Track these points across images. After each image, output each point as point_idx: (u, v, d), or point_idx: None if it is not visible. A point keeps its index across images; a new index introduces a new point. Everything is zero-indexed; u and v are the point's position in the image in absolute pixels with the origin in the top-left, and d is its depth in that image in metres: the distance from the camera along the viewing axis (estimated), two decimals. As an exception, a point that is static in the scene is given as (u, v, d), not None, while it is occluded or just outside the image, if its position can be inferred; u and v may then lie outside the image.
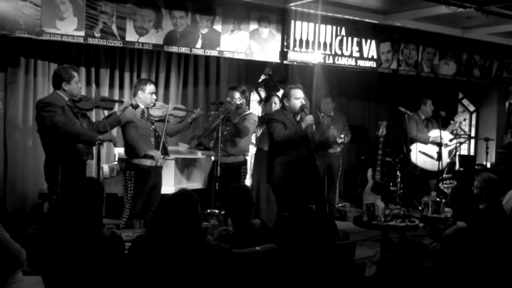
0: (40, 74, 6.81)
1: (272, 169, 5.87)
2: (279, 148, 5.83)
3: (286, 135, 5.73)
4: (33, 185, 6.77)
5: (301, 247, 3.95)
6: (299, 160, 5.75)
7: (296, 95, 5.90)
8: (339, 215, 8.24)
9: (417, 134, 8.03)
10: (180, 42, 7.12)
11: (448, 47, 9.60)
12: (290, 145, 5.75)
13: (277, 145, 5.82)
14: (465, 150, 12.01)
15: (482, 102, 12.04)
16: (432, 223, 6.10)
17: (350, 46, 8.48)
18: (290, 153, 5.77)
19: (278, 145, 5.80)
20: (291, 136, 5.73)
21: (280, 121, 5.83)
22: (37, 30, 6.19)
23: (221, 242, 3.45)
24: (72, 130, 5.24)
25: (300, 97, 5.91)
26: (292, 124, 5.82)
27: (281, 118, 5.87)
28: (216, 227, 4.50)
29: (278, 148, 5.84)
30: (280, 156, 5.82)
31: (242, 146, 6.58)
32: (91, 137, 5.38)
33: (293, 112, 5.89)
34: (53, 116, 5.18)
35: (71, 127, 5.23)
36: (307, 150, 5.79)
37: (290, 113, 5.89)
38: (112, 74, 7.31)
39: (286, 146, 5.77)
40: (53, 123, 5.17)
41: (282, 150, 5.80)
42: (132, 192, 5.90)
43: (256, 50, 7.72)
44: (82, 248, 3.32)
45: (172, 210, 3.19)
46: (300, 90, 5.98)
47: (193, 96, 7.91)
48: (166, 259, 3.09)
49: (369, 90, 9.68)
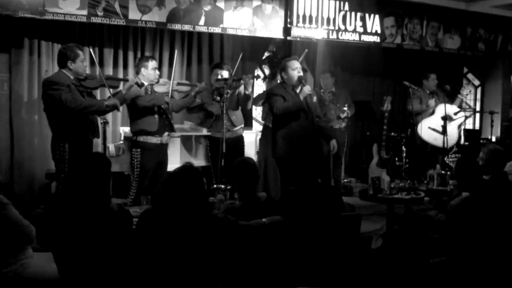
0: (44, 55, 6.81)
1: (275, 143, 5.89)
2: (280, 121, 5.84)
3: (284, 106, 5.72)
4: (40, 166, 6.80)
5: (307, 219, 3.98)
6: (301, 132, 5.76)
7: (292, 66, 5.85)
8: (345, 190, 8.27)
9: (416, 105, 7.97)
10: (183, 19, 7.11)
11: (452, 21, 9.53)
12: (291, 117, 5.75)
13: (278, 118, 5.84)
14: (470, 125, 11.99)
15: (487, 76, 11.98)
16: (438, 195, 6.12)
17: (353, 21, 8.44)
18: (291, 126, 5.77)
19: (279, 118, 5.81)
20: (289, 107, 5.72)
21: (279, 94, 5.82)
22: (40, 10, 6.19)
23: (227, 215, 3.48)
24: (79, 105, 5.28)
25: (297, 67, 5.86)
26: (292, 96, 5.81)
27: (280, 91, 5.87)
28: (222, 201, 4.54)
29: (279, 121, 5.86)
30: (282, 129, 5.82)
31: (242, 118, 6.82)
32: (98, 105, 5.45)
33: (292, 85, 5.87)
34: (60, 94, 5.21)
35: (78, 102, 5.28)
36: (308, 121, 5.79)
37: (289, 86, 5.87)
38: (116, 53, 7.29)
39: (286, 118, 5.77)
40: (60, 101, 5.21)
41: (283, 123, 5.81)
42: (138, 170, 5.94)
43: (260, 26, 7.70)
44: (90, 223, 3.36)
45: (177, 183, 3.22)
46: (296, 61, 5.94)
47: (197, 74, 7.90)
48: (173, 231, 3.12)
49: (373, 65, 9.62)
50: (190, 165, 3.36)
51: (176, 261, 3.09)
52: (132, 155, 5.99)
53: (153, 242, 3.16)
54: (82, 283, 3.34)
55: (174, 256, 3.10)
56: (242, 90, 6.53)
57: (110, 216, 3.42)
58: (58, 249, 3.49)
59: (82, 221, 3.36)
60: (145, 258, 3.19)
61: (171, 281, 3.07)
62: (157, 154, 5.99)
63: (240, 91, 6.59)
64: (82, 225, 3.35)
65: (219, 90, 6.37)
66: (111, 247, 3.37)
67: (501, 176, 5.04)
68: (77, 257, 3.37)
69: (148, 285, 3.13)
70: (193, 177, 3.22)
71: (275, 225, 3.75)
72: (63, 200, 3.51)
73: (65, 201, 3.48)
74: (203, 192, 3.25)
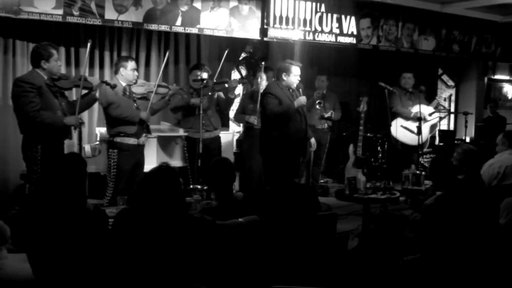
0: (19, 54, 6.76)
1: (266, 142, 6.00)
2: (276, 122, 6.04)
3: (278, 111, 5.98)
4: (15, 167, 6.73)
5: (283, 219, 4.00)
6: (296, 134, 5.91)
7: (295, 72, 6.14)
8: (322, 191, 8.31)
9: (401, 108, 8.02)
10: (160, 19, 7.09)
11: (427, 23, 9.64)
12: (288, 119, 5.97)
13: (272, 119, 6.05)
14: (445, 125, 12.14)
15: (462, 78, 12.14)
16: (413, 195, 6.20)
17: (330, 23, 8.49)
18: (288, 127, 5.99)
19: (274, 119, 6.03)
20: (282, 113, 5.96)
21: (276, 95, 6.04)
22: (15, 9, 6.13)
23: (204, 215, 3.49)
24: (37, 117, 5.14)
25: (298, 74, 6.14)
26: (287, 97, 6.03)
27: (277, 92, 6.07)
28: (199, 201, 4.54)
29: (275, 122, 6.05)
30: (278, 130, 6.01)
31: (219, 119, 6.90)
32: (58, 123, 5.28)
33: (289, 87, 6.07)
34: (24, 104, 5.12)
35: (36, 114, 5.13)
36: (302, 125, 5.94)
37: (286, 87, 6.06)
38: (92, 53, 7.26)
39: (283, 120, 5.99)
40: (25, 112, 5.13)
41: (280, 124, 6.01)
42: (115, 171, 5.91)
43: (237, 27, 7.71)
44: (66, 223, 3.33)
45: (154, 183, 3.21)
46: (299, 69, 6.20)
47: (174, 74, 7.89)
48: (149, 231, 3.11)
49: (350, 66, 9.71)
50: (166, 165, 3.36)
51: (153, 260, 3.08)
52: (108, 155, 5.96)
53: (129, 242, 3.15)
54: (57, 283, 3.32)
55: (150, 256, 3.09)
56: (222, 94, 6.59)
57: (86, 216, 3.40)
58: (33, 249, 3.46)
59: (57, 221, 3.33)
60: (121, 258, 3.17)
61: (148, 281, 3.06)
62: (133, 155, 5.96)
63: (220, 94, 6.62)
64: (57, 225, 3.33)
65: (198, 91, 6.36)
66: (87, 247, 3.35)
67: (475, 175, 5.12)
68: (52, 258, 3.34)
69: (124, 285, 3.12)
70: (169, 177, 3.22)
71: (252, 224, 3.77)
72: (38, 201, 3.48)
73: (40, 202, 3.45)
74: (179, 192, 3.24)
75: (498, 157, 5.68)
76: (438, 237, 3.97)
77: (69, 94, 6.29)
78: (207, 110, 6.49)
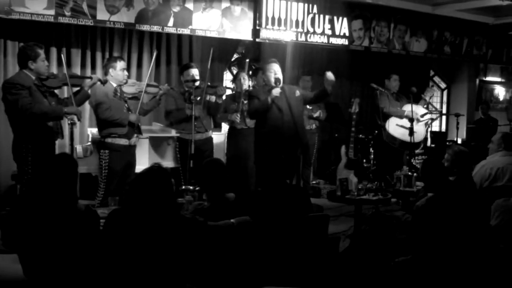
0: (10, 55, 6.73)
1: (256, 141, 6.05)
2: (258, 120, 6.12)
3: (252, 109, 6.05)
4: (6, 167, 6.70)
5: (275, 220, 4.00)
6: (279, 130, 5.86)
7: (270, 69, 6.04)
8: (313, 192, 8.30)
9: (392, 108, 8.02)
10: (151, 20, 7.09)
11: (419, 24, 9.69)
12: (266, 116, 5.93)
13: (255, 118, 6.19)
14: (437, 127, 12.18)
15: (453, 79, 12.19)
16: (404, 196, 6.20)
17: (322, 24, 8.51)
18: (268, 124, 5.95)
19: (255, 118, 6.15)
20: (257, 108, 5.97)
21: (256, 96, 6.04)
22: (6, 9, 6.12)
23: (196, 215, 3.48)
24: (37, 111, 5.15)
25: (274, 70, 6.01)
26: (265, 94, 5.98)
27: (257, 93, 6.10)
28: (191, 202, 4.52)
29: (258, 121, 6.14)
30: (261, 128, 6.04)
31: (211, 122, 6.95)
32: (57, 112, 5.32)
33: (270, 86, 6.02)
34: (17, 100, 5.09)
35: (34, 108, 5.13)
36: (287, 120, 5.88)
37: (269, 87, 6.04)
38: (84, 54, 7.25)
39: (263, 117, 5.97)
40: (18, 107, 5.10)
41: (262, 122, 6.03)
42: (106, 171, 5.88)
43: (229, 28, 7.72)
44: (57, 223, 3.32)
45: (145, 184, 3.20)
46: (274, 64, 6.09)
47: (166, 75, 7.88)
48: (141, 231, 3.10)
49: (342, 67, 9.72)
50: (158, 165, 3.35)
51: (144, 261, 3.07)
52: (100, 156, 5.94)
53: (120, 243, 3.14)
54: (48, 284, 3.31)
55: (142, 257, 3.09)
56: (213, 99, 6.59)
57: (77, 216, 3.39)
58: (24, 250, 3.44)
59: (49, 222, 3.32)
60: (113, 259, 3.16)
61: (139, 281, 3.06)
62: (125, 156, 5.94)
63: (210, 99, 6.61)
64: (49, 226, 3.31)
65: (190, 91, 6.35)
66: (78, 248, 3.34)
67: (466, 177, 5.13)
68: (43, 258, 3.33)
69: (115, 286, 3.11)
70: (161, 177, 3.21)
71: (243, 225, 3.76)
72: (29, 201, 3.46)
73: (31, 202, 3.43)
74: (171, 192, 3.24)
75: (489, 159, 5.70)
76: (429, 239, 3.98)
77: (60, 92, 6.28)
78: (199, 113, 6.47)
